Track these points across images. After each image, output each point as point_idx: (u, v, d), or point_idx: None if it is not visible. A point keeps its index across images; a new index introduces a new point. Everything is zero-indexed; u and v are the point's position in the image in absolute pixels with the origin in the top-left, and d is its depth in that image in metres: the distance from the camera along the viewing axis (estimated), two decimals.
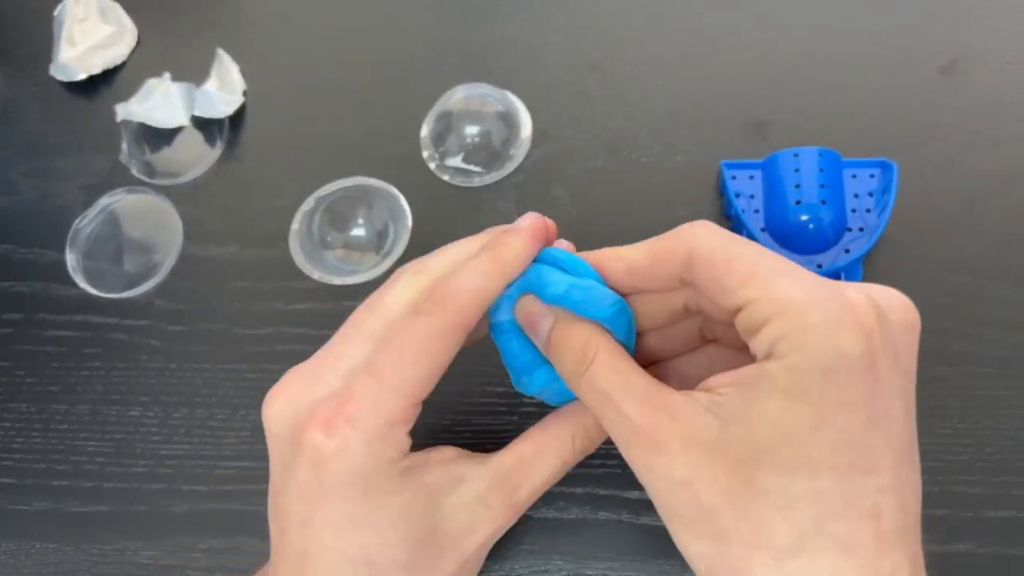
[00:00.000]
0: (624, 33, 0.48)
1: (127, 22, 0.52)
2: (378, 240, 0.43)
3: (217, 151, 0.47)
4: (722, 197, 0.42)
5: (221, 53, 0.48)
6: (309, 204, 0.44)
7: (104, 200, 0.46)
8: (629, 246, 0.28)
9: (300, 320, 0.42)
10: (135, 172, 0.47)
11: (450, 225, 0.43)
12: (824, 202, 0.38)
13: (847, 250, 0.39)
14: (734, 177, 0.41)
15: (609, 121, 0.45)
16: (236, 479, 0.38)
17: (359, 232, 0.43)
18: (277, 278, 0.43)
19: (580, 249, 0.29)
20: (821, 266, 0.38)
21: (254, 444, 0.39)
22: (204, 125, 0.47)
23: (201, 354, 0.41)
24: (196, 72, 0.48)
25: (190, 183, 0.46)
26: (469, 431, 0.38)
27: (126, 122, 0.47)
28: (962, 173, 0.42)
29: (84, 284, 0.44)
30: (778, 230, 0.39)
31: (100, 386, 0.41)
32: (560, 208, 0.43)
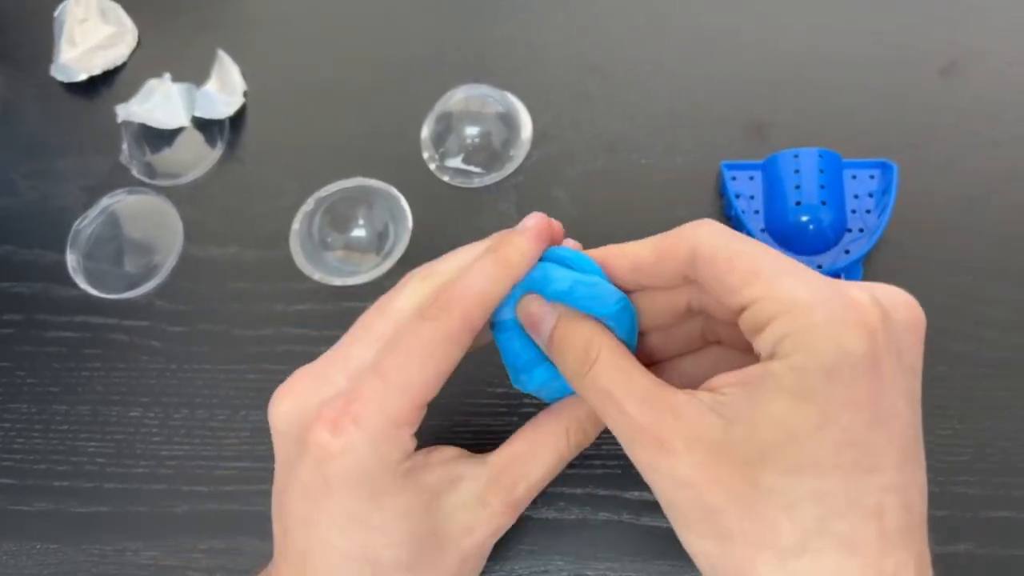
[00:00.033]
0: (624, 33, 0.48)
1: (127, 23, 0.52)
2: (378, 241, 0.43)
3: (218, 152, 0.47)
4: (722, 198, 0.42)
5: (221, 54, 0.48)
6: (309, 205, 0.44)
7: (104, 201, 0.46)
8: (633, 243, 0.28)
9: (301, 321, 0.42)
10: (135, 173, 0.47)
11: (450, 226, 0.43)
12: (824, 203, 0.38)
13: (847, 251, 0.39)
14: (734, 178, 0.41)
15: (609, 122, 0.45)
16: (236, 480, 0.38)
17: (359, 233, 0.43)
18: (277, 279, 0.43)
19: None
20: (821, 267, 0.39)
21: (255, 445, 0.39)
22: (205, 126, 0.47)
23: (202, 355, 0.41)
24: (196, 73, 0.48)
25: (191, 184, 0.46)
26: (469, 432, 0.38)
27: (127, 123, 0.47)
28: (962, 173, 0.42)
29: (85, 285, 0.44)
30: (778, 231, 0.39)
31: (101, 387, 0.41)
32: (560, 209, 0.43)
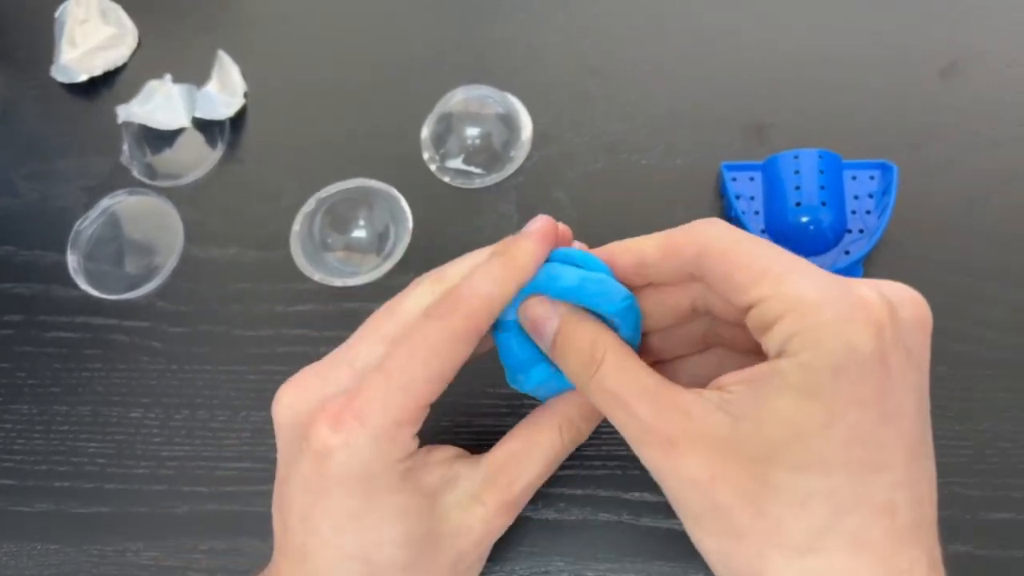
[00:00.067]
0: (624, 33, 0.48)
1: (128, 24, 0.52)
2: (379, 242, 0.43)
3: (218, 153, 0.47)
4: (722, 199, 0.42)
5: (222, 55, 0.48)
6: (310, 206, 0.44)
7: (105, 202, 0.46)
8: (639, 238, 0.28)
9: (301, 322, 0.42)
10: (136, 174, 0.47)
11: (451, 227, 0.43)
12: (824, 204, 0.38)
13: (847, 251, 0.39)
14: (734, 179, 0.41)
15: (609, 122, 0.45)
16: (237, 480, 0.38)
17: (360, 234, 0.43)
18: (278, 280, 0.43)
19: None
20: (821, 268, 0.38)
21: (255, 445, 0.39)
22: (205, 127, 0.47)
23: (202, 355, 0.41)
24: (197, 74, 0.48)
25: (191, 185, 0.46)
26: (471, 432, 0.38)
27: (127, 124, 0.47)
28: (962, 173, 0.42)
29: (85, 286, 0.44)
30: (778, 232, 0.39)
31: (101, 387, 0.41)
32: (560, 210, 0.43)
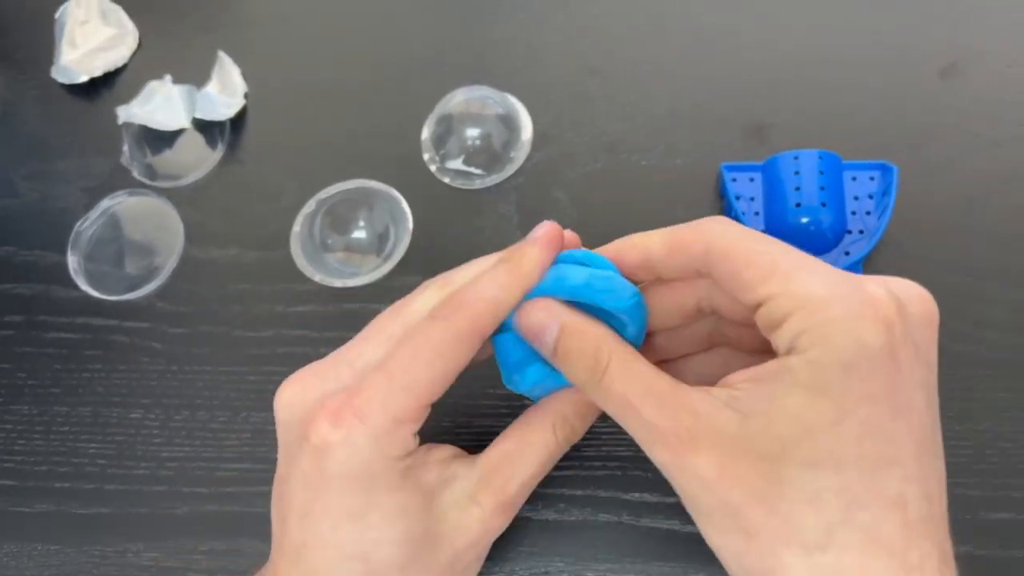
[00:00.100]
0: (624, 33, 0.48)
1: (128, 24, 0.52)
2: (379, 242, 0.43)
3: (218, 153, 0.47)
4: (722, 199, 0.42)
5: (222, 55, 0.48)
6: (310, 206, 0.44)
7: (105, 202, 0.46)
8: (644, 233, 0.28)
9: (301, 322, 0.42)
10: (136, 174, 0.47)
11: (451, 227, 0.43)
12: (824, 204, 0.38)
13: (847, 252, 0.39)
14: (734, 179, 0.41)
15: (609, 123, 0.45)
16: (237, 481, 0.38)
17: (360, 234, 0.43)
18: (278, 280, 0.43)
19: None
20: None
21: (255, 446, 0.39)
22: (205, 127, 0.47)
23: (202, 356, 0.42)
24: (197, 74, 0.48)
25: (191, 185, 0.46)
26: (470, 433, 0.38)
27: (127, 124, 0.47)
28: (962, 174, 0.42)
29: (85, 286, 0.44)
30: (778, 232, 0.39)
31: (101, 388, 0.41)
32: (560, 210, 0.43)
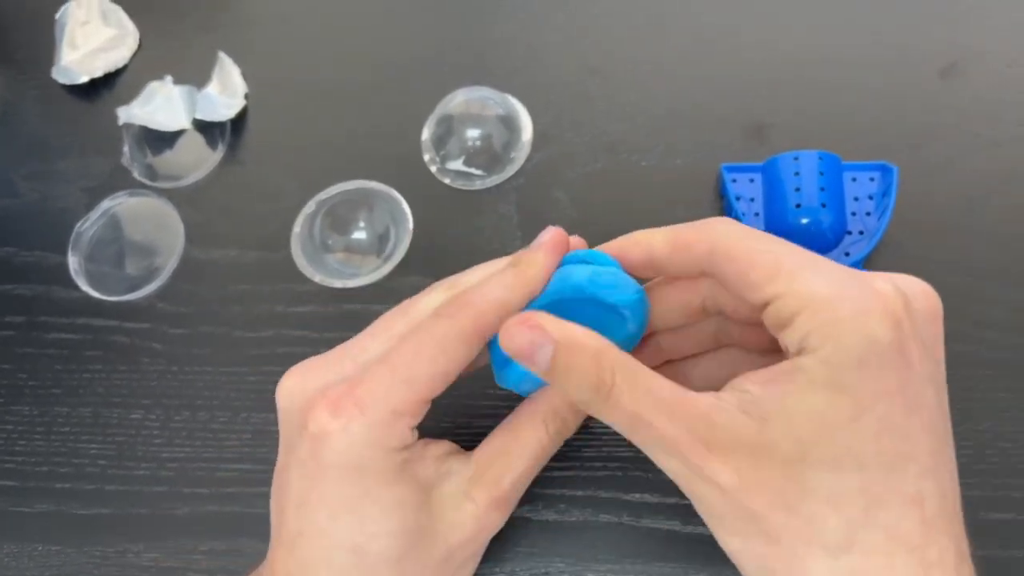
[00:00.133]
0: (624, 33, 0.48)
1: (129, 25, 0.52)
2: (379, 243, 0.43)
3: (219, 154, 0.47)
4: (722, 200, 0.42)
5: (222, 56, 0.48)
6: (310, 207, 0.44)
7: (106, 203, 0.46)
8: (647, 231, 0.28)
9: (301, 323, 0.42)
10: (137, 175, 0.47)
11: (451, 228, 0.43)
12: (824, 205, 0.38)
13: (847, 253, 0.39)
14: (734, 180, 0.41)
15: (609, 123, 0.45)
16: (237, 482, 0.38)
17: (360, 235, 0.43)
18: (278, 281, 0.43)
19: None
20: None
21: (255, 447, 0.39)
22: (206, 128, 0.47)
23: (202, 357, 0.42)
24: (198, 75, 0.48)
25: (192, 186, 0.46)
26: (470, 433, 0.38)
27: (128, 125, 0.47)
28: (962, 174, 0.42)
29: (86, 287, 0.44)
30: (778, 233, 0.38)
31: (102, 389, 0.41)
32: (560, 211, 0.43)
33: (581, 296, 0.28)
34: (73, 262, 0.44)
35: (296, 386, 0.29)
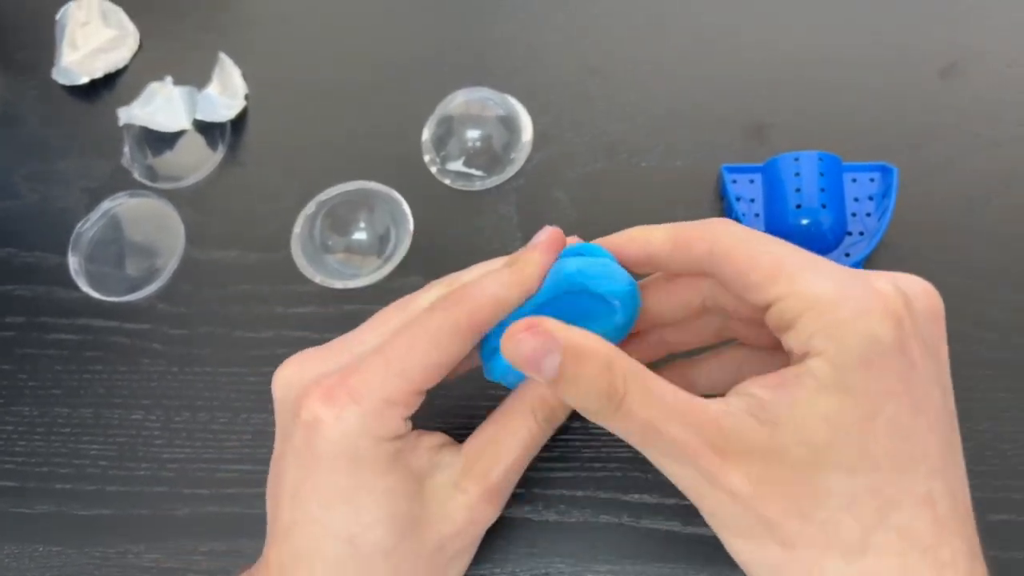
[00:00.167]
0: (624, 33, 0.48)
1: (129, 26, 0.52)
2: (380, 244, 0.43)
3: (219, 155, 0.47)
4: (722, 200, 0.42)
5: (223, 57, 0.48)
6: (311, 208, 0.44)
7: (106, 204, 0.46)
8: (645, 227, 0.28)
9: (301, 323, 0.42)
10: (137, 176, 0.47)
11: (451, 229, 0.43)
12: (824, 206, 0.38)
13: (847, 254, 0.39)
14: (734, 181, 0.41)
15: (609, 123, 0.45)
16: (238, 482, 0.39)
17: (360, 236, 0.43)
18: (279, 282, 0.43)
19: None
20: None
21: (256, 447, 0.39)
22: (206, 129, 0.47)
23: (203, 357, 0.42)
24: (198, 76, 0.48)
25: (192, 187, 0.46)
26: (470, 433, 0.38)
27: (128, 126, 0.47)
28: (962, 174, 0.42)
29: (86, 288, 0.44)
30: (778, 234, 0.38)
31: (102, 389, 0.41)
32: (560, 211, 0.43)
33: (571, 288, 0.28)
34: (73, 263, 0.44)
35: (292, 375, 0.29)
